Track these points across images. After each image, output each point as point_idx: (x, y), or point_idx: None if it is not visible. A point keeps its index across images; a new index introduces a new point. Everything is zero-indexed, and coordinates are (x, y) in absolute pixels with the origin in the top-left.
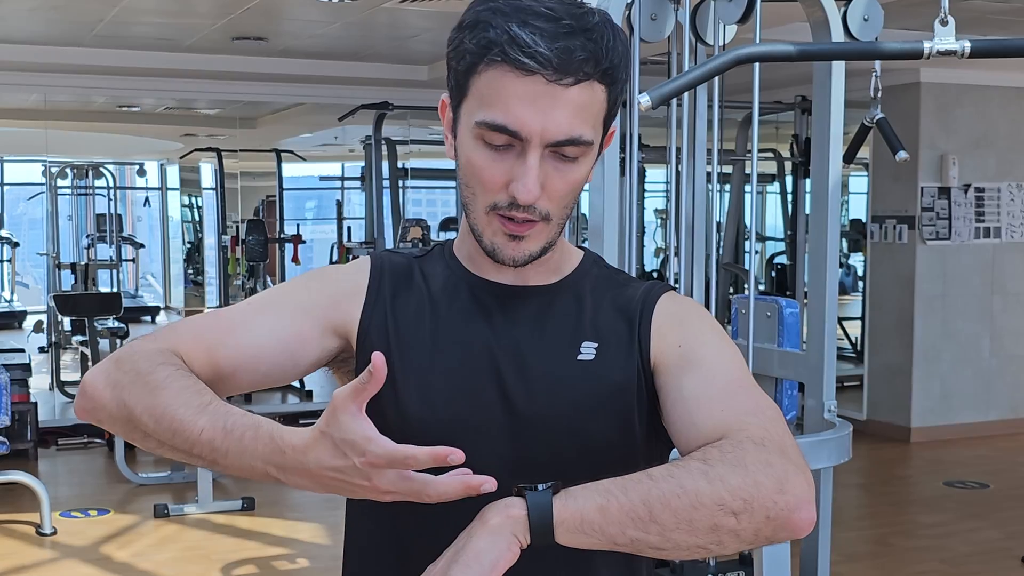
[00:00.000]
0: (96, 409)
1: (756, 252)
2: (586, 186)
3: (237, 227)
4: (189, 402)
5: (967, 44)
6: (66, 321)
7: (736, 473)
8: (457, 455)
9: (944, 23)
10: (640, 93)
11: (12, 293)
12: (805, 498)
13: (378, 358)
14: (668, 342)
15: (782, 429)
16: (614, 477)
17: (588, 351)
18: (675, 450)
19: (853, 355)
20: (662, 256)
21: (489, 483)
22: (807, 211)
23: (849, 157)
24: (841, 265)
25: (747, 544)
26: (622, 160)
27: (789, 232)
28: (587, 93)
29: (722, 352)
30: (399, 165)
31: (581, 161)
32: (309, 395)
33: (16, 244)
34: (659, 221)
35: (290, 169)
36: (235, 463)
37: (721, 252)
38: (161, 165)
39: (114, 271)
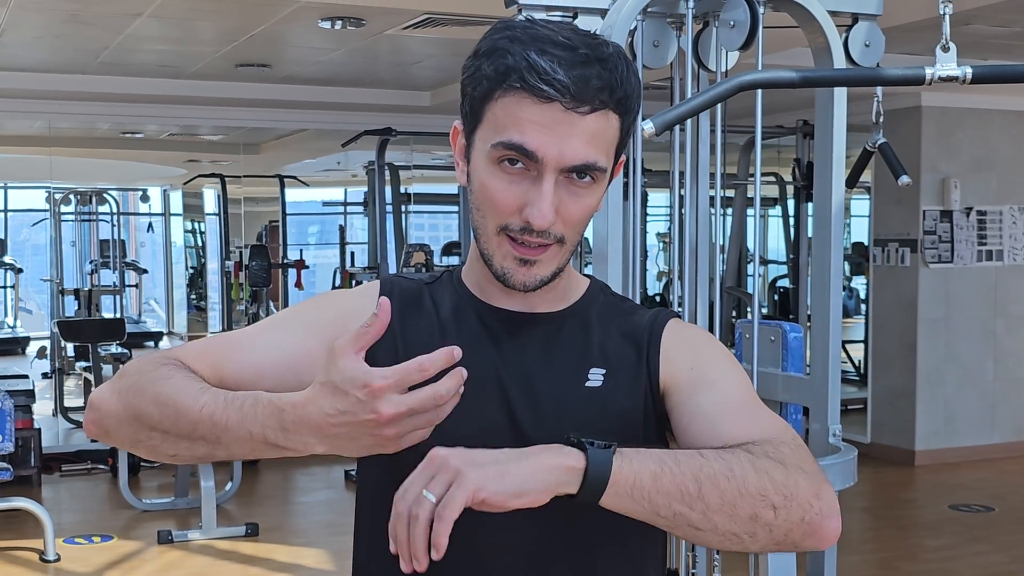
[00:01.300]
0: (103, 418)
1: (759, 276)
2: None
3: (240, 252)
4: (191, 387)
5: (968, 70)
6: (69, 347)
7: (779, 470)
8: (458, 351)
9: (945, 49)
10: (643, 119)
11: (15, 319)
12: (836, 509)
13: (384, 301)
14: (678, 366)
15: (805, 446)
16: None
17: (596, 377)
18: None
19: (856, 378)
20: (665, 280)
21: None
22: (809, 234)
23: (851, 182)
24: (844, 288)
25: (774, 545)
26: (625, 184)
27: (792, 255)
28: (602, 121)
29: (735, 374)
30: (402, 190)
31: (594, 187)
32: None
33: (20, 270)
34: (662, 245)
35: (293, 194)
36: (235, 435)
37: (724, 276)
38: (164, 191)
39: (117, 297)
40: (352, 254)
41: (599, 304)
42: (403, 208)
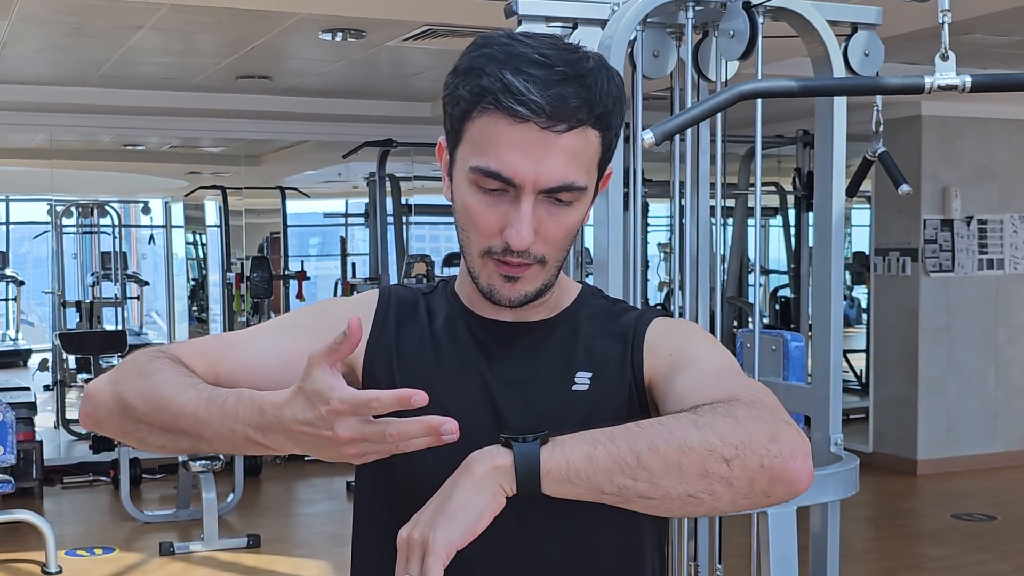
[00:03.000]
0: (96, 408)
1: (760, 285)
2: (589, 221)
3: (241, 264)
4: (178, 382)
5: (968, 79)
6: (71, 359)
7: (726, 423)
8: (420, 397)
9: (945, 58)
10: (643, 129)
11: (17, 331)
12: (800, 449)
13: (354, 320)
14: (659, 355)
15: (772, 399)
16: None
17: (582, 381)
18: None
19: (858, 388)
20: (666, 290)
21: (450, 424)
22: (810, 244)
23: (852, 191)
24: (845, 298)
25: (744, 498)
26: (626, 195)
27: (792, 265)
28: (580, 139)
29: (711, 350)
30: (402, 201)
31: (575, 206)
32: None
33: (21, 282)
34: (662, 255)
35: (294, 206)
36: (216, 431)
37: (725, 285)
38: (166, 203)
39: (119, 309)
40: (353, 265)
41: (590, 307)
42: (404, 219)
